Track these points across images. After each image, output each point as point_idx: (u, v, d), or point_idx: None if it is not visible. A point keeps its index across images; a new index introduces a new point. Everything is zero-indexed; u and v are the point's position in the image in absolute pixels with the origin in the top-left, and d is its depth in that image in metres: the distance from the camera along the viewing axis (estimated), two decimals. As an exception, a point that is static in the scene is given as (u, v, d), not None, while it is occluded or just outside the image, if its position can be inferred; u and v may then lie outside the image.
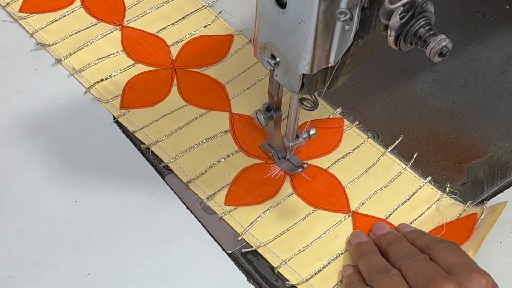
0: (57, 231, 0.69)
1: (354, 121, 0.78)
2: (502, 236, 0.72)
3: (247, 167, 0.74)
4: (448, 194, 0.74)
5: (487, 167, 0.77)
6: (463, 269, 0.61)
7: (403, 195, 0.73)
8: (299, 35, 0.57)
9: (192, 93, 0.79)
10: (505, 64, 0.85)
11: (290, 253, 0.69)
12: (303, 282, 0.68)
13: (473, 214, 0.71)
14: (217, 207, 0.72)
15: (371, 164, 0.75)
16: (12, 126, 0.76)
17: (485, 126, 0.80)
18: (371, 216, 0.72)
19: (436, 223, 0.71)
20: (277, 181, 0.74)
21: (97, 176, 0.73)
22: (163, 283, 0.67)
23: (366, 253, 0.67)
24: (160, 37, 0.84)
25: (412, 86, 0.83)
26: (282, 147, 0.74)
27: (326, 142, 0.76)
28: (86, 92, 0.79)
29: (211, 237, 0.70)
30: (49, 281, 0.66)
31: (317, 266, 0.69)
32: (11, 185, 0.71)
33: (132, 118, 0.77)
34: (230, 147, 0.76)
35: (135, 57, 0.81)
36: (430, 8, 0.56)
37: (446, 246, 0.64)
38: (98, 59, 0.81)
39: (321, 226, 0.71)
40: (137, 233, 0.69)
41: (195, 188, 0.73)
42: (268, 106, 0.70)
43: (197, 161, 0.74)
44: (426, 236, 0.68)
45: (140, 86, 0.79)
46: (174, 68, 0.81)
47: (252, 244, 0.70)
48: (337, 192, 0.73)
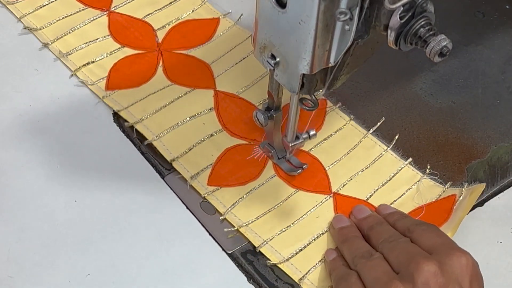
0: (57, 231, 0.69)
1: (337, 103, 0.79)
2: (502, 236, 0.72)
3: (230, 148, 0.75)
4: (428, 176, 0.74)
5: (487, 167, 0.77)
6: (443, 248, 0.62)
7: (384, 176, 0.74)
8: (299, 35, 0.57)
9: (178, 73, 0.80)
10: (505, 64, 0.85)
11: (271, 233, 0.70)
12: (284, 261, 0.68)
13: (452, 195, 0.72)
14: (200, 186, 0.72)
15: (353, 146, 0.76)
16: (12, 126, 0.76)
17: (485, 126, 0.80)
18: (352, 198, 0.73)
19: (415, 204, 0.72)
20: (260, 163, 0.74)
21: (97, 176, 0.73)
22: (163, 283, 0.67)
23: (349, 238, 0.68)
24: (147, 21, 0.85)
25: (412, 86, 0.83)
26: (282, 147, 0.74)
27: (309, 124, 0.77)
28: (72, 75, 0.79)
29: (211, 237, 0.70)
30: (49, 281, 0.66)
31: (298, 245, 0.69)
32: (11, 185, 0.71)
33: (117, 99, 0.77)
34: (214, 125, 0.76)
35: (121, 41, 0.82)
36: (430, 8, 0.56)
37: (426, 228, 0.65)
38: (85, 43, 0.82)
39: (303, 207, 0.72)
40: (137, 233, 0.69)
41: (178, 166, 0.73)
42: (268, 106, 0.70)
43: (181, 139, 0.75)
44: (406, 218, 0.69)
45: (126, 68, 0.80)
46: (160, 50, 0.82)
47: (235, 224, 0.70)
48: (319, 174, 0.74)
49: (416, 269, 0.59)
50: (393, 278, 0.60)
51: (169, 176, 0.74)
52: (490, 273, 0.69)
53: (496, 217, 0.73)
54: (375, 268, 0.62)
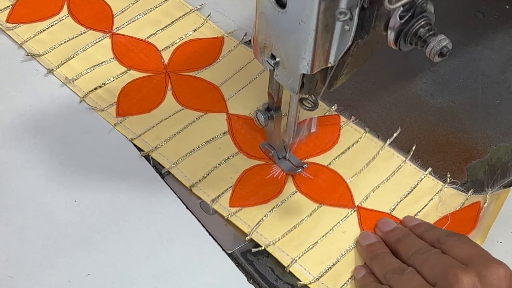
0: (57, 231, 0.69)
1: (350, 117, 0.79)
2: (502, 236, 0.72)
3: (248, 169, 0.74)
4: (449, 185, 0.74)
5: (487, 167, 0.77)
6: (480, 260, 0.61)
7: (405, 188, 0.74)
8: (299, 35, 0.57)
9: (188, 96, 0.79)
10: (505, 64, 0.85)
11: (299, 250, 0.69)
12: (314, 280, 0.68)
13: (476, 202, 0.72)
14: (222, 209, 0.72)
15: (371, 158, 0.76)
16: (12, 126, 0.76)
17: (485, 126, 0.80)
18: (376, 211, 0.72)
19: (440, 214, 0.72)
20: (280, 181, 0.74)
21: (97, 176, 0.73)
22: (163, 283, 0.67)
23: (378, 255, 0.67)
24: (150, 42, 0.84)
25: (412, 86, 0.83)
26: (282, 147, 0.74)
27: (325, 139, 0.77)
28: (81, 101, 0.78)
29: (211, 237, 0.70)
30: (49, 281, 0.66)
31: (327, 264, 0.69)
32: (11, 185, 0.71)
33: (129, 126, 0.76)
34: (230, 148, 0.76)
35: (127, 64, 0.81)
36: (430, 8, 0.56)
37: (458, 239, 0.64)
38: (90, 67, 0.80)
39: (327, 222, 0.71)
40: (137, 233, 0.69)
41: (198, 192, 0.73)
42: (268, 106, 0.70)
43: (198, 164, 0.74)
44: (434, 229, 0.68)
45: (134, 92, 0.79)
46: (167, 72, 0.81)
47: (261, 243, 0.70)
48: (340, 188, 0.74)
49: (456, 281, 0.58)
50: None
51: (169, 176, 0.74)
52: (490, 273, 0.69)
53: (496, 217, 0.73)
54: (409, 282, 0.61)
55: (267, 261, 0.69)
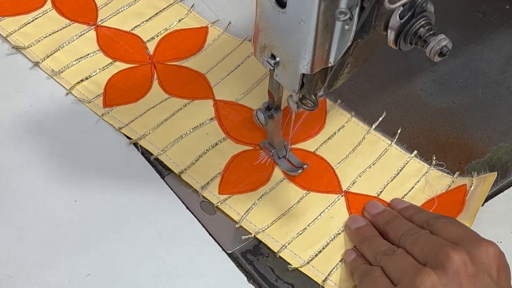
0: (57, 231, 0.69)
1: (337, 100, 0.79)
2: (502, 236, 0.72)
3: (236, 155, 0.75)
4: (434, 167, 0.75)
5: (487, 167, 0.76)
6: (469, 240, 0.61)
7: (392, 171, 0.74)
8: (299, 35, 0.57)
9: (174, 85, 0.80)
10: (505, 64, 0.85)
11: (288, 237, 0.70)
12: (305, 264, 0.68)
13: (463, 185, 0.72)
14: (212, 196, 0.72)
15: (357, 142, 0.76)
16: (12, 126, 0.76)
17: (485, 126, 0.80)
18: (363, 195, 0.73)
19: (426, 196, 0.73)
20: (268, 167, 0.74)
21: (97, 176, 0.73)
22: (163, 283, 0.67)
23: (367, 237, 0.67)
24: (135, 34, 0.84)
25: (412, 86, 0.83)
26: (282, 146, 0.74)
27: (311, 124, 0.77)
28: (68, 93, 0.78)
29: (211, 237, 0.70)
30: (49, 281, 0.66)
31: (316, 247, 0.69)
32: (11, 185, 0.71)
33: (116, 115, 0.77)
34: (217, 134, 0.76)
35: (112, 55, 0.82)
36: (430, 8, 0.56)
37: (447, 221, 0.65)
38: (76, 59, 0.81)
39: (316, 208, 0.72)
40: (137, 233, 0.69)
41: (187, 178, 0.73)
42: (268, 105, 0.70)
43: (186, 151, 0.75)
44: (423, 212, 0.68)
45: (121, 83, 0.80)
46: (153, 63, 0.81)
47: (251, 230, 0.70)
48: (328, 174, 0.74)
49: (447, 259, 0.59)
50: (422, 268, 0.60)
51: (169, 176, 0.74)
52: (490, 273, 0.69)
53: (496, 217, 0.73)
54: (400, 262, 0.62)
55: (267, 261, 0.69)
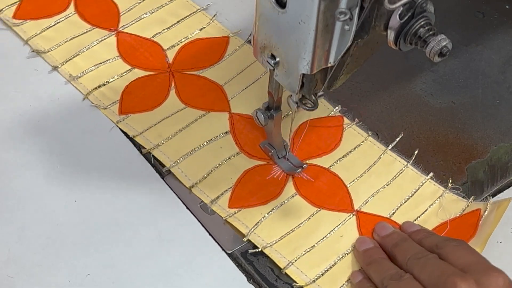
0: (57, 231, 0.69)
1: (354, 119, 0.78)
2: (502, 236, 0.72)
3: (249, 169, 0.74)
4: (450, 190, 0.74)
5: (487, 167, 0.77)
6: (479, 267, 0.60)
7: (406, 193, 0.73)
8: (299, 35, 0.57)
9: (191, 95, 0.79)
10: (505, 64, 0.85)
11: (296, 253, 0.69)
12: (310, 283, 0.68)
13: (477, 210, 0.71)
14: (221, 210, 0.72)
15: (373, 162, 0.75)
16: (12, 126, 0.76)
17: (485, 126, 0.80)
18: (375, 215, 0.72)
19: (440, 219, 0.72)
20: (280, 182, 0.73)
21: (97, 176, 0.73)
22: (163, 283, 0.67)
23: (375, 260, 0.66)
24: (156, 41, 0.84)
25: (412, 86, 0.83)
26: (282, 147, 0.74)
27: (327, 141, 0.76)
28: (84, 99, 0.78)
29: (211, 237, 0.70)
30: (49, 281, 0.66)
31: (323, 266, 0.69)
32: (11, 185, 0.71)
33: (131, 123, 0.76)
34: (231, 148, 0.75)
35: (131, 62, 0.81)
36: (430, 8, 0.56)
37: (457, 245, 0.64)
38: (95, 65, 0.80)
39: (326, 226, 0.71)
40: (137, 233, 0.69)
41: (198, 192, 0.72)
42: (268, 105, 0.70)
43: (198, 164, 0.74)
44: (433, 236, 0.67)
45: (138, 91, 0.79)
46: (171, 71, 0.81)
47: (258, 244, 0.69)
48: (340, 191, 0.73)
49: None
50: None
51: (169, 176, 0.74)
52: (490, 273, 0.69)
53: (496, 217, 0.73)
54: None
55: (267, 261, 0.69)
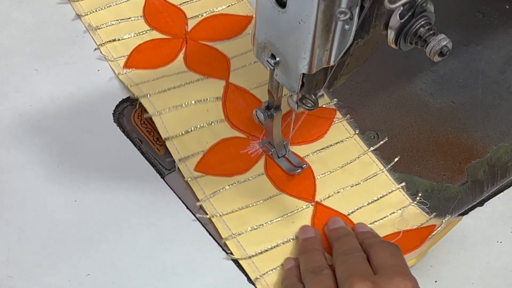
0: (57, 231, 0.69)
1: (346, 115, 0.78)
2: (502, 236, 0.72)
3: (226, 138, 0.75)
4: (417, 203, 0.73)
5: (487, 167, 0.77)
6: (389, 270, 0.61)
7: (372, 196, 0.73)
8: (299, 35, 0.57)
9: (196, 62, 0.80)
10: (505, 64, 0.85)
11: (242, 228, 0.69)
12: (246, 258, 0.68)
13: (432, 225, 0.71)
14: (186, 170, 0.72)
15: (350, 160, 0.75)
16: (12, 126, 0.76)
17: (485, 126, 0.80)
18: (333, 210, 0.72)
19: (395, 228, 0.71)
20: (252, 159, 0.74)
21: (97, 176, 0.73)
22: (163, 283, 0.67)
23: (308, 250, 0.67)
24: (181, 9, 0.85)
25: (412, 86, 0.83)
26: (282, 146, 0.74)
27: (311, 130, 0.77)
28: (96, 49, 0.81)
29: (211, 237, 0.70)
30: (49, 281, 0.66)
31: (264, 246, 0.69)
32: (11, 185, 0.71)
33: (131, 76, 0.78)
34: (216, 114, 0.76)
35: (152, 24, 0.83)
36: (430, 7, 0.56)
37: (386, 246, 0.65)
38: (116, 20, 0.83)
39: (281, 210, 0.71)
40: (137, 233, 0.69)
41: (171, 146, 0.73)
42: (268, 104, 0.70)
43: (181, 120, 0.75)
44: (375, 237, 0.68)
45: (148, 50, 0.81)
46: (186, 38, 0.82)
47: (209, 212, 0.70)
48: (307, 181, 0.73)
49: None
50: None
51: (169, 176, 0.74)
52: (490, 273, 0.69)
53: (496, 217, 0.73)
54: (320, 283, 0.62)
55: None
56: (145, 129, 0.77)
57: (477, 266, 0.69)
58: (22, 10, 0.85)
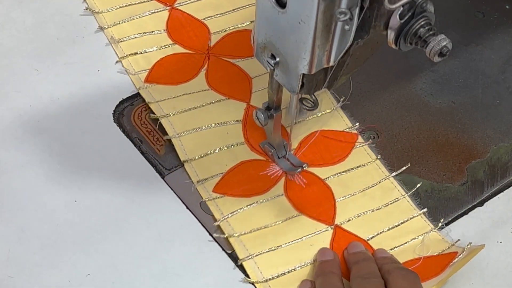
0: (57, 231, 0.69)
1: (368, 140, 0.77)
2: (502, 236, 0.72)
3: (246, 161, 0.74)
4: (439, 229, 0.72)
5: (487, 167, 0.77)
6: None
7: (393, 221, 0.72)
8: (299, 35, 0.57)
9: (218, 80, 0.80)
10: (505, 64, 0.85)
11: (259, 249, 0.69)
12: (262, 281, 0.67)
13: (454, 252, 0.70)
14: (205, 192, 0.72)
15: (371, 184, 0.74)
16: (12, 126, 0.76)
17: (485, 126, 0.80)
18: (352, 234, 0.71)
19: (416, 255, 0.70)
20: (271, 180, 0.73)
21: (97, 176, 0.73)
22: (163, 283, 0.67)
23: (324, 273, 0.66)
24: (205, 23, 0.85)
25: (412, 86, 0.83)
26: (282, 146, 0.74)
27: (333, 153, 0.76)
28: (117, 62, 0.81)
29: (211, 237, 0.70)
30: (49, 281, 0.66)
31: (282, 269, 0.68)
32: (11, 185, 0.71)
33: (152, 92, 0.78)
34: (237, 137, 0.76)
35: (175, 38, 0.83)
36: (430, 8, 0.56)
37: (404, 274, 0.64)
38: (139, 33, 0.83)
39: (300, 231, 0.70)
40: (137, 233, 0.69)
41: (189, 169, 0.73)
42: (268, 105, 0.70)
43: (200, 142, 0.74)
44: (395, 263, 0.67)
45: (170, 65, 0.81)
46: (209, 54, 0.82)
47: (226, 232, 0.69)
48: (327, 204, 0.72)
49: None
50: None
51: (169, 176, 0.74)
52: (490, 273, 0.69)
53: (496, 217, 0.73)
54: None
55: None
56: (145, 129, 0.77)
57: (477, 266, 0.69)
58: (22, 10, 0.85)
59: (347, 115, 0.79)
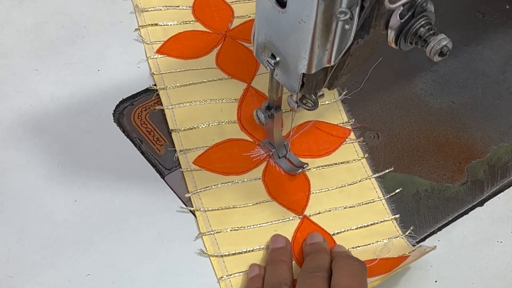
0: (57, 231, 0.69)
1: (360, 137, 0.77)
2: (502, 236, 0.72)
3: (233, 139, 0.75)
4: (406, 236, 0.71)
5: (487, 167, 0.77)
6: None
7: (363, 221, 0.71)
8: (299, 35, 0.57)
9: (227, 60, 0.81)
10: (505, 64, 0.85)
11: (222, 226, 0.69)
12: (218, 255, 0.68)
13: (406, 256, 0.69)
14: (185, 162, 0.73)
15: (351, 182, 0.74)
16: (12, 126, 0.76)
17: (485, 126, 0.80)
18: (318, 227, 0.70)
19: (375, 255, 0.69)
20: (253, 163, 0.74)
21: (97, 176, 0.73)
22: (163, 283, 0.67)
23: (275, 261, 0.66)
24: (231, 6, 0.86)
25: (412, 86, 0.83)
26: (282, 146, 0.74)
27: (320, 146, 0.76)
28: (136, 29, 0.82)
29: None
30: (49, 281, 0.66)
31: (239, 248, 0.68)
32: (11, 185, 0.71)
33: (160, 62, 0.79)
34: (230, 115, 0.76)
35: (198, 16, 0.84)
36: (430, 7, 0.56)
37: (349, 263, 0.63)
38: (165, 6, 0.84)
39: (267, 217, 0.70)
40: (137, 233, 0.69)
41: (175, 138, 0.74)
42: (268, 104, 0.70)
43: (191, 115, 0.75)
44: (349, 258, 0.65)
45: (185, 40, 0.82)
46: (226, 35, 0.83)
47: (194, 205, 0.70)
48: (301, 194, 0.72)
49: None
50: None
51: (169, 176, 0.74)
52: (490, 273, 0.69)
53: (496, 217, 0.73)
54: None
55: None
56: (145, 129, 0.77)
57: (477, 266, 0.69)
58: (22, 10, 0.85)
59: (345, 110, 0.79)
